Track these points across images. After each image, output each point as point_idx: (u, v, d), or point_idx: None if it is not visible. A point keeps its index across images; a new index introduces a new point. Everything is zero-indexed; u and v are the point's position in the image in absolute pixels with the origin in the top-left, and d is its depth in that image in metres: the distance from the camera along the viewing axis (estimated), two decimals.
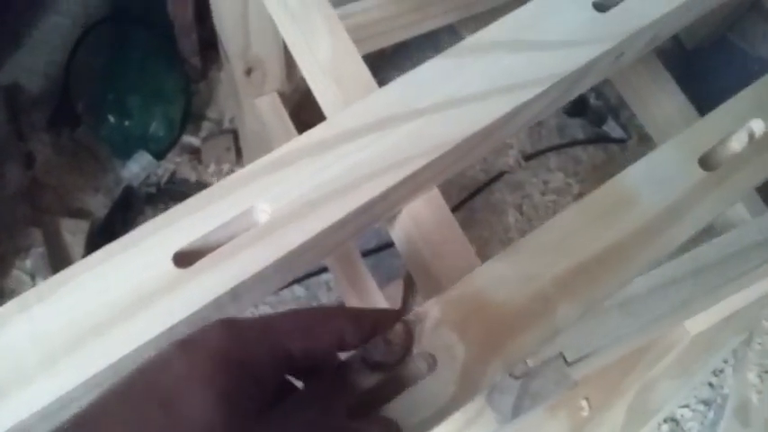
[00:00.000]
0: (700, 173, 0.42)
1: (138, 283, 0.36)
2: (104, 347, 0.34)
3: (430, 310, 0.38)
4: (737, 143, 0.43)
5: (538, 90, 0.43)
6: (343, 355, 0.36)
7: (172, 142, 0.88)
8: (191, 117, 0.92)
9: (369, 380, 0.35)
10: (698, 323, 0.95)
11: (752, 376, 0.98)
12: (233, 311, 0.39)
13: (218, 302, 0.36)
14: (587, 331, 0.43)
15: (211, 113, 0.94)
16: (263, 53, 0.71)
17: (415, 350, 0.36)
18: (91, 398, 0.27)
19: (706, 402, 0.97)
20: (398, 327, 0.36)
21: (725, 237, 0.47)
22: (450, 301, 0.38)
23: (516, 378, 0.42)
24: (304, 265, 0.41)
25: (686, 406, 0.96)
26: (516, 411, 0.41)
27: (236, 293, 0.37)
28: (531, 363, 0.42)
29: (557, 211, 1.04)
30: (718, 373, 0.99)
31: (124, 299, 0.35)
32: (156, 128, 0.87)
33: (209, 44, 0.88)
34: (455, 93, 0.42)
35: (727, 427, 0.95)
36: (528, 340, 0.38)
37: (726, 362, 0.99)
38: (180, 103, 0.89)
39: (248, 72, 0.73)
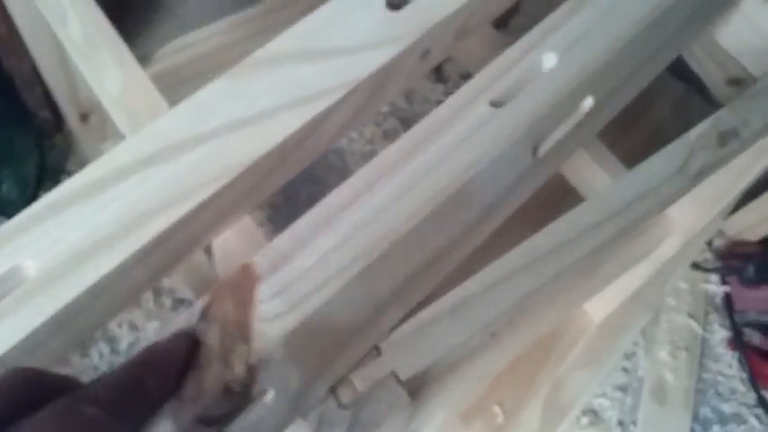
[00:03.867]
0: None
1: None
2: None
3: (276, 351, 0.35)
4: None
5: (333, 99, 0.41)
6: None
7: (28, 201, 0.83)
8: (48, 172, 0.87)
9: None
10: (601, 308, 0.94)
11: (664, 355, 0.98)
12: None
13: None
14: (419, 344, 0.41)
15: (71, 166, 0.90)
16: (93, 95, 0.67)
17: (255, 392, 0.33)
18: None
19: (622, 388, 0.96)
20: (238, 367, 0.33)
21: (557, 222, 0.45)
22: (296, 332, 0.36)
23: (345, 407, 0.39)
24: (92, 323, 0.37)
25: (603, 395, 0.95)
26: None
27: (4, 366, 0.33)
28: (360, 387, 0.40)
29: None
30: (630, 356, 0.98)
31: None
32: (7, 190, 0.82)
33: None
34: (242, 112, 0.40)
35: (646, 410, 0.94)
36: (356, 351, 0.37)
37: (636, 344, 0.98)
38: (33, 161, 0.84)
39: (84, 118, 0.69)
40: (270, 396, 0.33)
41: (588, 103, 0.44)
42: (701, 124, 0.51)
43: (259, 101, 0.40)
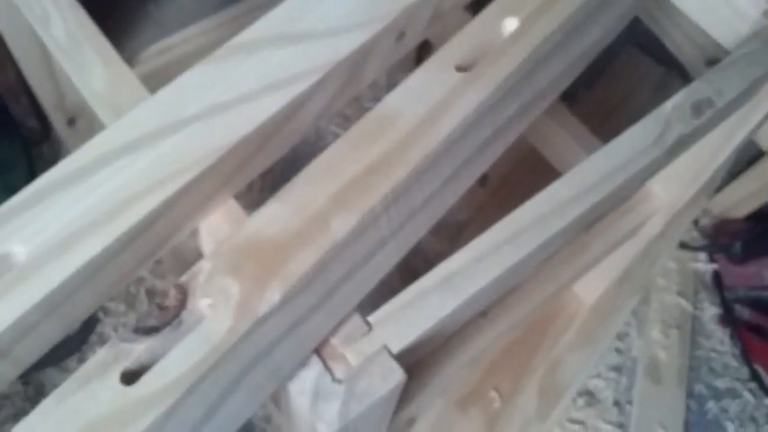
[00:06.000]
0: (456, 76, 0.43)
1: None
2: None
3: (202, 266, 0.36)
4: (492, 43, 0.44)
5: (311, 81, 0.41)
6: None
7: None
8: None
9: (144, 344, 0.34)
10: (592, 291, 0.95)
11: (656, 333, 0.99)
12: (7, 370, 0.36)
13: None
14: (408, 317, 0.41)
15: None
16: (80, 99, 0.68)
17: (190, 305, 0.35)
18: None
19: (617, 369, 0.97)
20: (171, 290, 0.35)
21: (536, 197, 0.46)
22: (222, 252, 0.36)
23: (339, 382, 0.40)
24: (83, 307, 0.38)
25: (598, 376, 0.96)
26: (343, 417, 0.39)
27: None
28: (353, 361, 0.40)
29: None
30: (623, 337, 0.99)
31: None
32: None
33: None
34: (222, 96, 0.40)
35: (640, 389, 0.95)
36: (305, 256, 0.37)
37: (629, 324, 0.99)
38: (22, 169, 0.84)
39: (71, 122, 0.70)
40: (205, 303, 0.34)
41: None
42: (676, 96, 0.52)
43: (238, 85, 0.41)
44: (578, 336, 0.95)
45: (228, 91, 0.40)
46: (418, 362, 0.66)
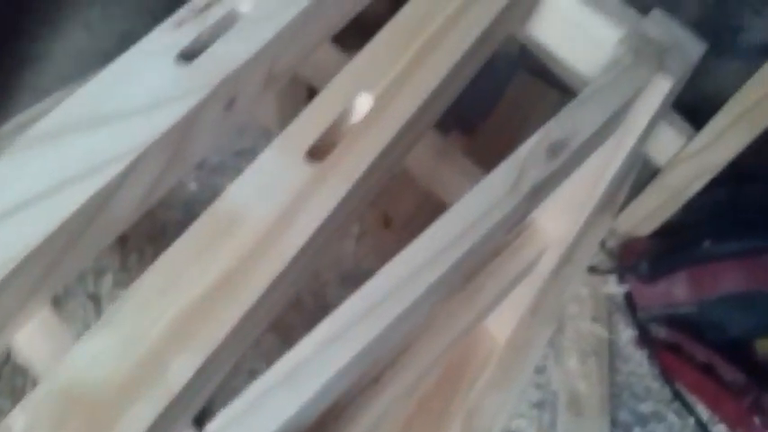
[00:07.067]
0: (307, 169, 0.39)
1: None
2: None
3: (13, 424, 0.31)
4: (346, 125, 0.41)
5: (121, 167, 0.38)
6: None
7: None
8: None
9: None
10: (503, 328, 0.93)
11: (573, 363, 0.98)
12: None
13: None
14: (249, 423, 0.37)
15: None
16: None
17: None
18: None
19: (538, 405, 0.95)
20: None
21: (390, 265, 0.42)
22: (38, 403, 0.32)
23: None
24: None
25: (520, 415, 0.94)
26: None
27: None
28: None
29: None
30: (541, 370, 0.97)
31: None
32: None
33: None
34: (20, 196, 0.36)
35: (564, 422, 0.93)
36: (140, 413, 0.32)
37: (546, 357, 0.98)
38: None
39: None
40: None
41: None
42: (531, 138, 0.50)
43: (38, 181, 0.37)
44: (495, 375, 0.92)
45: (27, 190, 0.37)
46: None
